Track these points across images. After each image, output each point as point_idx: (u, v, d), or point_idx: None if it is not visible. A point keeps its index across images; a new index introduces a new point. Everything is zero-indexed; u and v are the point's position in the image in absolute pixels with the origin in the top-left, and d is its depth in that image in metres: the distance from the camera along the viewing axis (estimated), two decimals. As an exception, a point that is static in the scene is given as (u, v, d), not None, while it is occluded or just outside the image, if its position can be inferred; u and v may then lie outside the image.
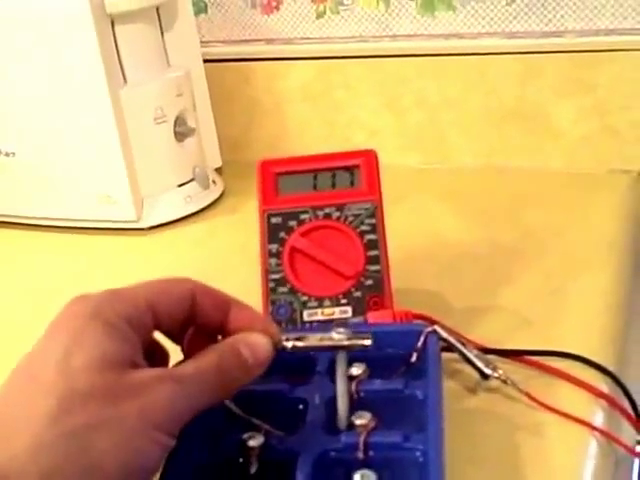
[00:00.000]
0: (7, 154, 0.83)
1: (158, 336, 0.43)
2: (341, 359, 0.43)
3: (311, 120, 0.95)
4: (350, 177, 0.57)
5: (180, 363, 0.41)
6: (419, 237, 0.74)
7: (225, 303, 0.43)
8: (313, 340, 0.42)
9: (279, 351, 0.42)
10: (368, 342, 0.42)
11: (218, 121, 0.94)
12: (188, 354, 0.42)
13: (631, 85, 0.80)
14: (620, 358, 0.57)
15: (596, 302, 0.61)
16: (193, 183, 0.85)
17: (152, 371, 0.37)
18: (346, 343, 0.42)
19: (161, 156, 0.83)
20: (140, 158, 0.81)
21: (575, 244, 0.70)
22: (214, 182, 0.88)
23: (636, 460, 0.53)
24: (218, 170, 0.94)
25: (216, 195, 0.88)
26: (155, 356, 0.43)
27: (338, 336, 0.42)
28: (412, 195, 0.84)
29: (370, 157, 0.57)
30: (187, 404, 0.37)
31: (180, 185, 0.85)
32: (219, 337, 0.43)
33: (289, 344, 0.42)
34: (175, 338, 0.43)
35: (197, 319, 0.42)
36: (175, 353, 0.43)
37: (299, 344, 0.42)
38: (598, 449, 0.48)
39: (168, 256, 0.80)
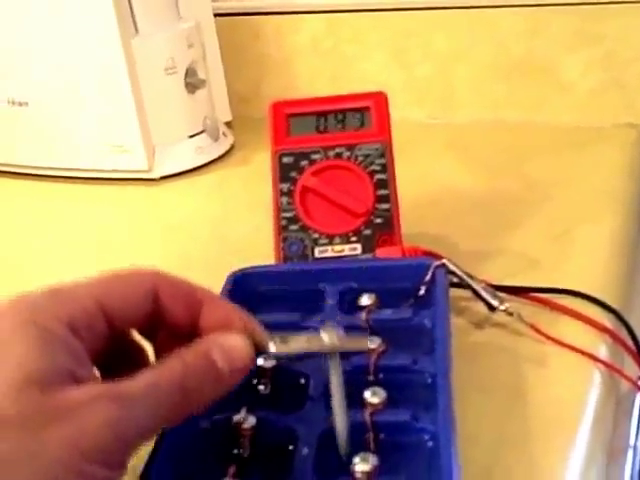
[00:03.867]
0: (20, 104, 0.84)
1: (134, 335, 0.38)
2: (335, 364, 0.37)
3: (320, 74, 0.96)
4: (361, 118, 0.58)
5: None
6: (426, 186, 0.74)
7: (196, 299, 0.37)
8: (301, 342, 0.37)
9: (262, 354, 0.36)
10: (363, 344, 0.38)
11: (228, 76, 0.95)
12: (159, 358, 0.37)
13: (638, 37, 0.80)
14: (625, 297, 0.58)
15: (602, 245, 0.62)
16: (204, 135, 0.86)
17: (91, 388, 0.31)
18: (340, 347, 0.36)
19: (172, 107, 0.84)
20: (151, 108, 0.81)
21: (580, 193, 0.71)
22: (224, 134, 0.89)
23: (638, 396, 0.54)
24: (228, 124, 0.95)
25: (226, 147, 0.89)
26: (128, 357, 0.38)
27: (329, 338, 0.36)
28: (420, 148, 0.85)
29: (380, 99, 0.58)
30: (133, 427, 0.30)
31: (191, 136, 0.85)
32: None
33: (272, 347, 0.36)
34: (148, 337, 0.38)
35: (164, 318, 0.36)
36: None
37: (285, 348, 0.36)
38: (601, 379, 0.49)
39: (179, 206, 0.81)
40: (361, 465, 0.35)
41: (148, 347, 0.39)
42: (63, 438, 0.28)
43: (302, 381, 0.42)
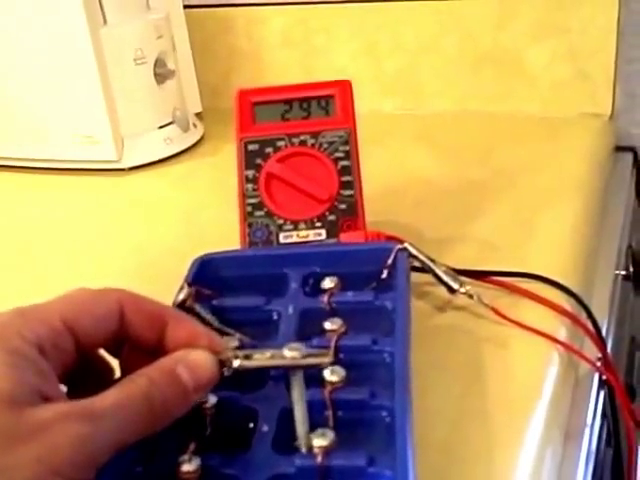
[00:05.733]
0: (-13, 94, 0.84)
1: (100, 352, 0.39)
2: (297, 380, 0.37)
3: (290, 66, 0.96)
4: (325, 106, 0.58)
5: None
6: (394, 175, 0.75)
7: (161, 316, 0.38)
8: (265, 358, 0.37)
9: (229, 369, 0.37)
10: (327, 359, 0.37)
11: (198, 67, 0.95)
12: (125, 374, 0.37)
13: (602, 29, 0.81)
14: (585, 282, 0.59)
15: (564, 231, 0.63)
16: (173, 125, 0.86)
17: (59, 407, 0.31)
18: (302, 362, 0.36)
19: (141, 97, 0.84)
20: (121, 98, 0.82)
21: (545, 181, 0.72)
22: (194, 125, 0.90)
23: (595, 379, 0.55)
24: (198, 115, 0.95)
25: (196, 138, 0.89)
26: (94, 374, 0.38)
27: (291, 353, 0.37)
28: (389, 138, 0.86)
29: (345, 87, 0.59)
30: (101, 443, 0.31)
31: (160, 127, 0.86)
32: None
33: (236, 362, 0.37)
34: (113, 353, 0.39)
35: (129, 336, 0.37)
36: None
37: (247, 363, 0.37)
38: (559, 360, 0.50)
39: (149, 196, 0.81)
40: (319, 440, 0.36)
41: (114, 363, 0.40)
42: (35, 456, 0.29)
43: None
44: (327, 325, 0.44)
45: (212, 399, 0.39)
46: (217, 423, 0.39)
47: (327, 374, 0.39)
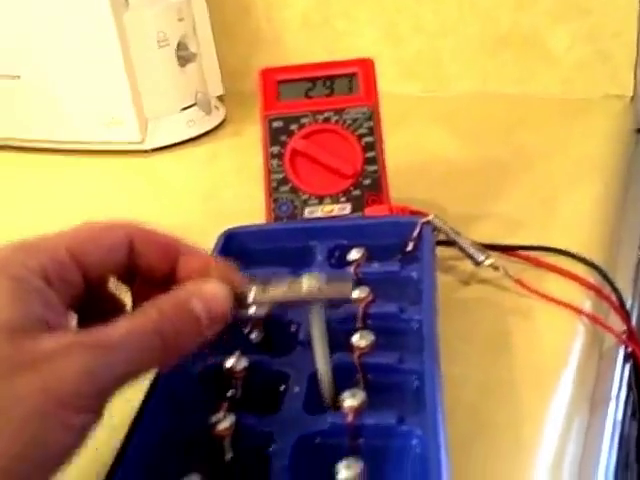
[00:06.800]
0: (12, 77, 0.85)
1: (112, 285, 0.38)
2: (317, 314, 0.35)
3: (311, 49, 0.97)
4: (349, 84, 0.59)
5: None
6: (417, 155, 0.75)
7: (172, 248, 0.37)
8: (281, 289, 0.35)
9: (242, 305, 0.35)
10: (347, 290, 0.36)
11: (219, 51, 0.96)
12: (137, 307, 0.36)
13: (623, 10, 0.81)
14: (610, 257, 0.59)
15: (587, 207, 0.63)
16: (196, 107, 0.87)
17: (65, 336, 0.30)
18: (321, 296, 0.35)
19: (164, 79, 0.85)
20: (144, 81, 0.83)
21: (567, 161, 0.72)
22: (216, 108, 0.90)
23: (620, 351, 0.55)
24: (220, 98, 0.96)
25: (218, 120, 0.90)
26: (106, 308, 0.38)
27: (310, 282, 0.35)
28: (409, 120, 0.86)
29: (367, 65, 0.59)
30: (110, 374, 0.30)
31: (183, 109, 0.87)
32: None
33: (251, 295, 0.35)
34: (127, 286, 0.38)
35: (140, 268, 0.36)
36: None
37: (264, 296, 0.35)
38: (585, 331, 0.50)
39: (171, 177, 0.82)
40: (350, 400, 0.36)
41: (127, 300, 0.39)
42: (39, 385, 0.28)
43: (293, 329, 0.43)
44: (355, 294, 0.45)
45: (243, 362, 0.40)
46: (248, 386, 0.39)
47: (356, 339, 0.40)
